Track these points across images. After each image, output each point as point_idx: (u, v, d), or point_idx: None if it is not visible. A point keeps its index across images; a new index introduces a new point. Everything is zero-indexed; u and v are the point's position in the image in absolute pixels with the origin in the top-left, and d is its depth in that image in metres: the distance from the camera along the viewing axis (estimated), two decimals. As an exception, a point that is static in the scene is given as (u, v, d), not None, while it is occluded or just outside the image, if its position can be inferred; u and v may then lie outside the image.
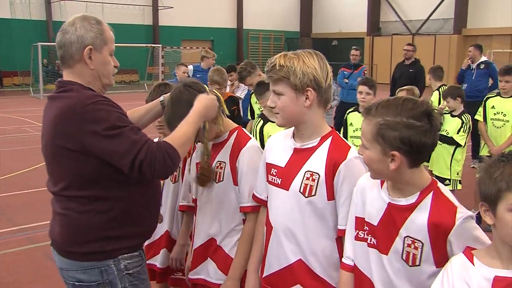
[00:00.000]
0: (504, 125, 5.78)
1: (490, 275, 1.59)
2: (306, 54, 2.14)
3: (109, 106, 2.13)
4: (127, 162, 2.07)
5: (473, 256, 1.64)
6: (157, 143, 2.14)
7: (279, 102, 2.16)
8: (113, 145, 2.07)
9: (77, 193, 2.17)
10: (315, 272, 2.17)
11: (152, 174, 2.10)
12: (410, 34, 30.10)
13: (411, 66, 9.51)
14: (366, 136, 1.83)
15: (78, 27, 2.23)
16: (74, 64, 2.24)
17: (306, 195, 2.14)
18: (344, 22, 33.33)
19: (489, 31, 26.70)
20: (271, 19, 34.34)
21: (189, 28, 31.00)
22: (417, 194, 1.82)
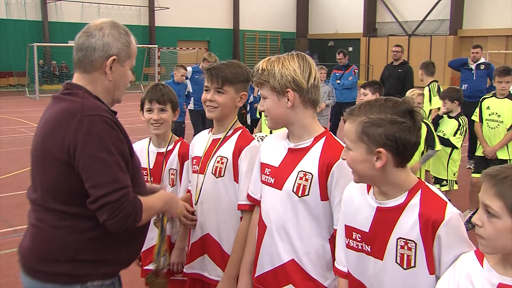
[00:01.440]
0: (499, 125, 5.80)
1: (495, 280, 1.57)
2: (287, 57, 2.18)
3: (109, 126, 1.98)
4: (95, 194, 1.91)
5: (484, 257, 1.63)
6: (135, 196, 2.00)
7: (265, 105, 2.22)
8: (94, 169, 1.91)
9: (56, 206, 2.00)
10: (307, 272, 2.17)
11: (107, 220, 1.92)
12: (406, 35, 30.16)
13: (399, 66, 9.57)
14: (350, 136, 1.82)
15: (107, 34, 2.08)
16: (91, 71, 2.09)
17: (299, 195, 2.15)
18: (340, 23, 33.37)
19: (484, 32, 26.77)
20: (268, 20, 34.34)
21: (185, 28, 30.98)
22: (405, 194, 1.81)
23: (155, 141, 3.11)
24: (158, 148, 3.09)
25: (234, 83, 2.54)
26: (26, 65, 23.13)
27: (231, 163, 2.54)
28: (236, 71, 2.55)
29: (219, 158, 2.57)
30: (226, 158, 2.55)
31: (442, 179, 5.60)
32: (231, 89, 2.54)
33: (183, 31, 30.92)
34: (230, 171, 2.54)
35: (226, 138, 2.61)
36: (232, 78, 2.53)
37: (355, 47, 32.37)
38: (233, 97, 2.56)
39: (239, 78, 2.54)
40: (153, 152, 3.09)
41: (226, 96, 2.54)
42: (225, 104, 2.55)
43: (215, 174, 2.57)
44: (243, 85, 2.57)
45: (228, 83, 2.53)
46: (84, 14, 26.87)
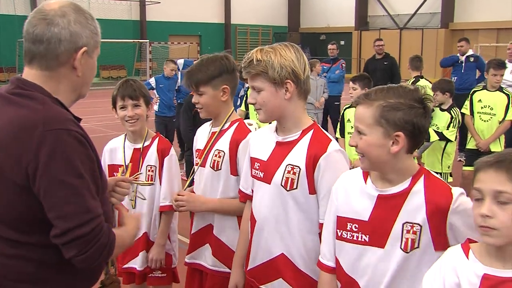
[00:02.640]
0: (491, 118, 5.83)
1: (480, 272, 1.57)
2: (282, 47, 2.14)
3: (78, 142, 1.64)
4: (62, 226, 1.60)
5: (469, 250, 1.63)
6: (108, 227, 1.72)
7: (259, 97, 2.17)
8: (60, 197, 1.59)
9: (7, 234, 1.66)
10: (297, 266, 2.18)
11: (76, 255, 1.62)
12: (397, 28, 30.18)
13: (384, 59, 9.63)
14: (366, 121, 1.80)
15: (73, 21, 1.71)
16: (56, 67, 1.71)
17: (288, 189, 2.14)
18: (332, 16, 33.33)
19: (475, 25, 26.83)
20: (259, 14, 34.25)
21: (177, 23, 30.83)
22: (409, 180, 1.82)
23: (131, 137, 3.07)
24: (134, 144, 3.05)
25: (208, 82, 2.56)
26: (16, 61, 22.97)
27: (228, 156, 2.56)
28: (208, 69, 2.56)
29: (216, 152, 2.60)
30: (223, 151, 2.58)
31: (437, 173, 5.60)
32: (208, 88, 2.56)
33: (174, 26, 30.77)
34: (227, 164, 2.57)
35: (222, 131, 2.63)
36: (204, 79, 2.55)
37: (347, 41, 32.36)
38: (213, 94, 2.58)
39: (212, 76, 2.55)
40: (129, 148, 3.05)
41: (205, 96, 2.58)
42: (207, 104, 2.59)
43: (213, 167, 2.60)
44: (220, 79, 2.57)
45: (202, 84, 2.56)
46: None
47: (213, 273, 2.65)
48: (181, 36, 30.79)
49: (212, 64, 2.58)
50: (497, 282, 1.54)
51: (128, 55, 27.19)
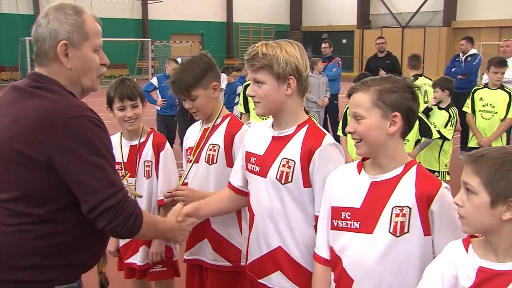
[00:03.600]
0: (493, 116, 5.84)
1: (476, 264, 1.60)
2: (287, 44, 2.18)
3: (96, 126, 1.84)
4: (93, 200, 1.80)
5: (469, 244, 1.66)
6: (134, 200, 1.95)
7: (260, 91, 2.19)
8: (89, 174, 1.80)
9: (22, 209, 1.82)
10: (294, 259, 2.21)
11: (107, 224, 1.84)
12: (399, 26, 30.14)
13: (386, 58, 9.62)
14: (363, 105, 1.89)
15: (51, 19, 1.88)
16: (48, 63, 1.91)
17: (283, 182, 2.17)
18: (334, 15, 33.29)
19: (478, 24, 26.78)
20: (261, 13, 34.22)
21: (179, 22, 30.83)
22: (402, 167, 1.90)
23: (127, 134, 3.10)
24: (131, 141, 3.09)
25: (198, 84, 2.57)
26: (19, 60, 22.99)
27: (223, 149, 2.59)
28: (194, 72, 2.57)
29: (211, 146, 2.62)
30: (218, 145, 2.61)
31: (434, 171, 5.61)
32: (199, 90, 2.58)
33: (176, 24, 30.78)
34: (223, 157, 2.60)
35: (215, 126, 2.66)
36: (193, 82, 2.56)
37: (349, 39, 32.34)
38: (206, 94, 2.60)
39: (200, 76, 2.57)
40: (125, 145, 3.08)
41: (199, 99, 2.60)
42: (202, 105, 2.62)
43: (208, 162, 2.62)
44: (208, 78, 2.59)
45: (193, 88, 2.57)
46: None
47: (214, 268, 2.67)
48: (183, 35, 30.81)
49: (195, 66, 2.59)
50: (492, 274, 1.56)
51: (130, 54, 27.20)
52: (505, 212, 1.53)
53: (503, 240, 1.57)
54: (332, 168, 2.11)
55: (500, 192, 1.53)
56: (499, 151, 1.60)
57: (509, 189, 1.52)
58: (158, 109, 8.70)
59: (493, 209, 1.54)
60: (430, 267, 1.72)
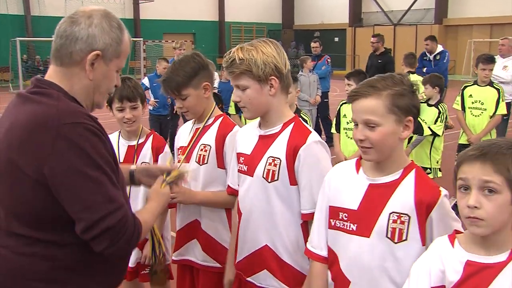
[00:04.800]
0: (482, 113, 5.88)
1: (464, 258, 1.62)
2: (262, 44, 2.17)
3: (94, 135, 1.66)
4: (88, 219, 1.60)
5: (455, 239, 1.68)
6: (133, 214, 1.74)
7: (244, 96, 2.19)
8: (84, 189, 1.60)
9: (21, 230, 1.67)
10: (280, 257, 2.21)
11: (108, 247, 1.64)
12: (391, 24, 30.21)
13: (380, 56, 9.55)
14: (378, 111, 1.81)
15: (95, 23, 1.74)
16: (69, 65, 1.74)
17: (269, 180, 2.18)
18: (326, 13, 33.34)
19: (469, 21, 26.92)
20: (253, 11, 34.22)
21: (171, 21, 30.77)
22: (401, 171, 1.86)
23: (125, 134, 3.08)
24: (129, 141, 3.07)
25: (189, 83, 2.55)
26: (9, 60, 22.84)
27: (214, 150, 2.57)
28: (185, 71, 2.55)
29: (202, 146, 2.60)
30: (209, 145, 2.59)
31: (426, 168, 5.64)
32: (190, 89, 2.56)
33: (168, 24, 30.72)
34: (214, 158, 2.58)
35: (207, 126, 2.65)
36: (184, 81, 2.54)
37: (341, 38, 32.40)
38: (196, 94, 2.58)
39: (191, 76, 2.55)
40: (123, 145, 3.06)
41: (190, 98, 2.57)
42: (193, 105, 2.60)
43: (198, 162, 2.60)
44: (199, 77, 2.57)
45: (183, 87, 2.54)
46: (67, 8, 26.47)
47: (205, 269, 2.65)
48: (175, 34, 30.69)
49: (186, 65, 2.57)
50: (479, 268, 1.58)
51: (122, 53, 27.09)
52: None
53: (503, 234, 1.58)
54: (317, 165, 2.12)
55: None
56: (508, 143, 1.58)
57: None
58: (151, 109, 8.68)
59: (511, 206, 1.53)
60: (416, 263, 1.73)
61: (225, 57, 2.19)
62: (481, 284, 1.56)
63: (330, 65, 10.49)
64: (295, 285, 2.19)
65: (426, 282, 1.66)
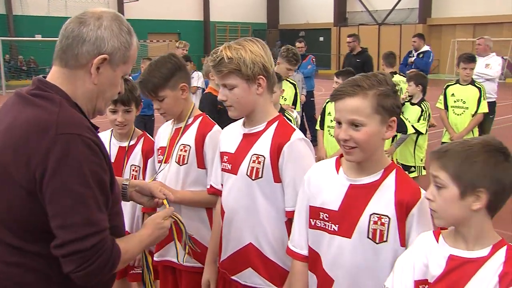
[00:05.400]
0: (464, 112, 5.95)
1: (446, 253, 1.66)
2: (249, 43, 2.17)
3: (90, 150, 1.57)
4: (63, 237, 1.53)
5: (440, 235, 1.72)
6: (113, 242, 1.64)
7: (231, 95, 2.19)
8: (65, 205, 1.53)
9: (9, 239, 1.60)
10: (265, 254, 2.22)
11: (74, 271, 1.55)
12: (376, 24, 30.39)
13: (358, 56, 9.60)
14: (364, 111, 1.80)
15: (104, 26, 1.67)
16: (74, 67, 1.67)
17: (253, 178, 2.18)
18: (311, 13, 33.43)
19: (452, 21, 27.17)
20: (238, 11, 34.19)
21: (156, 21, 30.61)
22: (381, 172, 1.87)
23: (117, 135, 3.07)
24: (120, 142, 3.06)
25: (165, 84, 2.54)
26: (-7, 61, 22.57)
27: (194, 150, 2.57)
28: (162, 72, 2.54)
29: (182, 146, 2.60)
30: (189, 145, 2.58)
31: (410, 166, 5.69)
32: (167, 91, 2.55)
33: (153, 24, 30.55)
34: (193, 158, 2.58)
35: (187, 126, 2.64)
36: (160, 82, 2.53)
37: (326, 37, 32.50)
38: (174, 95, 2.57)
39: (167, 77, 2.54)
40: (114, 145, 3.05)
41: (166, 99, 2.57)
42: (170, 106, 2.59)
43: (178, 162, 2.60)
44: (175, 78, 2.57)
45: (160, 88, 2.53)
46: (50, 8, 26.34)
47: (187, 269, 2.64)
48: (160, 34, 30.62)
49: (162, 66, 2.56)
50: (461, 262, 1.63)
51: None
52: (474, 202, 1.60)
53: (473, 229, 1.63)
54: (301, 163, 2.13)
55: (468, 183, 1.59)
56: (463, 144, 1.66)
57: (476, 180, 1.58)
58: (135, 109, 8.64)
59: (463, 201, 1.61)
60: (401, 258, 1.76)
61: (212, 56, 2.17)
62: (462, 278, 1.61)
63: (315, 64, 10.50)
64: (280, 282, 2.21)
65: (409, 276, 1.70)
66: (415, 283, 1.70)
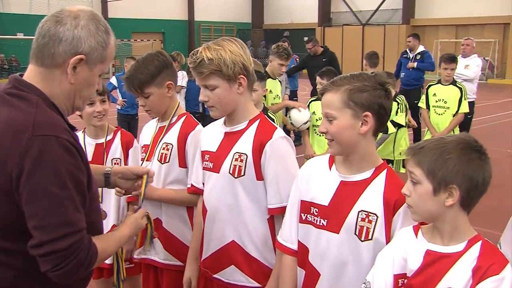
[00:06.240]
0: (445, 112, 6.03)
1: (424, 247, 1.70)
2: (228, 43, 2.19)
3: (67, 151, 1.57)
4: (40, 238, 1.54)
5: (419, 230, 1.75)
6: (90, 241, 1.65)
7: (212, 95, 2.20)
8: (41, 206, 1.53)
9: None
10: (248, 252, 2.24)
11: (51, 270, 1.57)
12: (360, 24, 30.55)
13: (322, 55, 9.58)
14: (334, 105, 1.88)
15: (81, 25, 1.65)
16: (50, 67, 1.65)
17: (236, 176, 2.20)
18: (295, 13, 33.50)
19: (435, 22, 27.41)
20: (223, 11, 34.15)
21: (140, 20, 30.44)
22: (372, 170, 1.92)
23: (92, 132, 3.07)
24: (96, 139, 3.06)
25: (152, 81, 2.55)
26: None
27: (176, 149, 2.58)
28: (149, 69, 2.55)
29: (164, 145, 2.61)
30: (171, 144, 2.59)
31: (390, 160, 5.74)
32: (153, 88, 2.56)
33: (137, 23, 30.39)
34: (176, 157, 2.58)
35: (170, 125, 2.65)
36: (147, 79, 2.54)
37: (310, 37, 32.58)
38: (160, 92, 2.58)
39: (154, 74, 2.55)
40: (90, 144, 3.04)
41: (152, 97, 2.57)
42: (155, 104, 2.60)
43: (160, 160, 2.60)
44: (162, 76, 2.58)
45: (146, 85, 2.54)
46: (33, 5, 26.05)
47: (168, 268, 2.65)
48: (144, 34, 30.47)
49: (150, 63, 2.57)
50: (437, 257, 1.67)
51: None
52: (447, 198, 1.64)
53: (447, 225, 1.67)
54: (283, 161, 2.17)
55: (441, 180, 1.63)
56: (438, 141, 1.70)
57: (448, 177, 1.62)
58: (119, 108, 8.60)
59: (436, 197, 1.65)
60: (382, 252, 1.80)
61: (192, 57, 2.18)
62: (438, 273, 1.65)
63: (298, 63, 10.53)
64: (263, 279, 2.22)
65: (389, 270, 1.74)
66: (394, 277, 1.74)
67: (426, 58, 9.31)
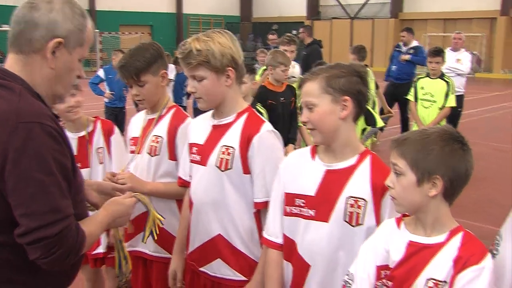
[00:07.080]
0: (432, 105, 6.08)
1: (406, 239, 1.72)
2: (217, 35, 2.19)
3: (51, 138, 1.57)
4: (27, 225, 1.53)
5: (401, 221, 1.77)
6: (77, 226, 1.63)
7: (200, 86, 2.19)
8: (27, 194, 1.52)
9: None
10: (235, 246, 2.24)
11: (40, 257, 1.56)
12: (348, 18, 30.59)
13: (304, 49, 9.67)
14: (313, 92, 1.91)
15: (56, 9, 1.64)
16: (29, 53, 1.65)
17: (222, 169, 2.19)
18: (284, 6, 33.44)
19: (424, 16, 27.53)
20: (211, 4, 33.99)
21: (127, 13, 30.21)
22: (356, 157, 1.94)
23: (71, 127, 3.04)
24: (77, 133, 3.05)
25: (148, 69, 2.53)
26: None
27: (166, 141, 2.57)
28: (145, 56, 2.53)
29: (154, 138, 2.60)
30: (161, 137, 2.58)
31: None
32: (149, 76, 2.54)
33: (125, 16, 30.16)
34: (165, 149, 2.57)
35: (160, 117, 2.64)
36: (144, 66, 2.52)
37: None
38: (155, 81, 2.57)
39: (150, 61, 2.53)
40: (72, 138, 2.99)
41: (148, 85, 2.55)
42: (150, 93, 2.58)
43: (150, 153, 2.59)
44: (157, 64, 2.57)
45: (143, 72, 2.52)
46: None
47: (157, 260, 2.65)
48: (132, 26, 30.23)
49: (146, 51, 2.56)
50: (419, 248, 1.69)
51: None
52: (430, 189, 1.66)
53: (429, 216, 1.70)
54: (270, 154, 2.17)
55: (425, 171, 1.65)
56: (421, 133, 1.73)
57: (432, 167, 1.65)
58: (106, 101, 8.55)
59: (420, 188, 1.67)
60: (365, 244, 1.82)
61: (181, 48, 2.18)
62: (420, 264, 1.67)
63: None
64: (249, 273, 2.22)
65: (372, 261, 1.76)
66: (377, 268, 1.75)
67: (419, 53, 9.34)
